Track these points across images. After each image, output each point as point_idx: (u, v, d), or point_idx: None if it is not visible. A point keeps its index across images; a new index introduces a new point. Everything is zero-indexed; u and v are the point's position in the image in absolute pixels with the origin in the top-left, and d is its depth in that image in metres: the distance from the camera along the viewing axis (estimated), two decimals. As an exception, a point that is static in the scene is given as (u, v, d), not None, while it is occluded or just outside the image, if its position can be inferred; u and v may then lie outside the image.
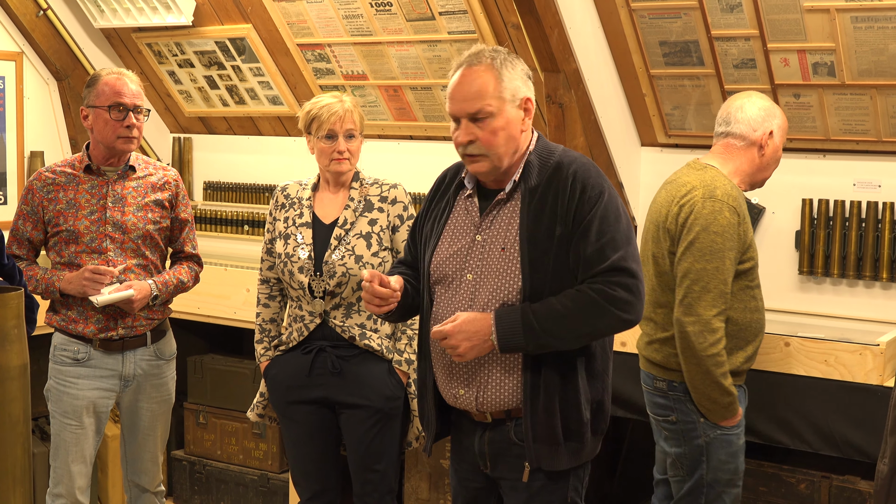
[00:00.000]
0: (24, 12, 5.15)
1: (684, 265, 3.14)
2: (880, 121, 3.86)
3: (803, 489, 3.75)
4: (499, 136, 2.62)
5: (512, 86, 2.62)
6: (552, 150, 2.70)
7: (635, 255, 2.61)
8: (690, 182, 3.23)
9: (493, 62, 2.62)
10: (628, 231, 2.63)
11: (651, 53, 4.11)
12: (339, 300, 3.45)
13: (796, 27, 3.76)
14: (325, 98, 3.50)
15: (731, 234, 3.13)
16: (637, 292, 2.59)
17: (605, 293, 2.56)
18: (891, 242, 3.89)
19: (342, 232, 3.46)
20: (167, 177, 3.72)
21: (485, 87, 2.60)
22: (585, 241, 2.58)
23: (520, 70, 2.66)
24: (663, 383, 3.28)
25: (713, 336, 3.11)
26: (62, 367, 3.62)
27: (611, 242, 2.58)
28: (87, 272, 3.48)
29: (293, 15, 4.81)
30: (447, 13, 4.39)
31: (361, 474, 3.51)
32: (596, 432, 2.73)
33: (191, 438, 5.21)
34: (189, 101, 5.59)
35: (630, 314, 2.58)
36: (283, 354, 3.55)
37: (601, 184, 2.62)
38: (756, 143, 3.29)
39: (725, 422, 3.21)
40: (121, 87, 3.55)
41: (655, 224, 3.30)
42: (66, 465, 3.62)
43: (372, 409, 3.46)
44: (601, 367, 2.72)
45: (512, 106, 2.62)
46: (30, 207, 3.61)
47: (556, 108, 3.99)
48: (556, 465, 2.69)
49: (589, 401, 2.68)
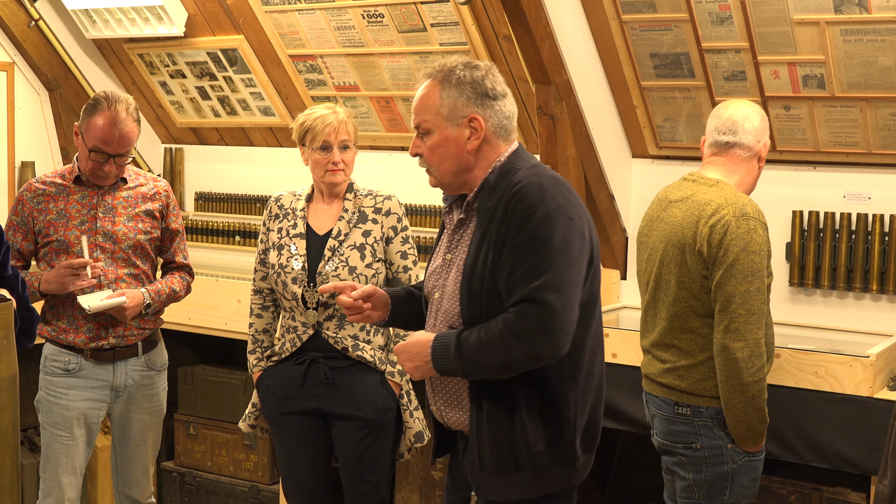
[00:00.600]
0: (15, 22, 5.15)
1: (727, 289, 2.99)
2: (870, 133, 3.87)
3: (794, 501, 3.75)
4: (436, 153, 2.58)
5: (450, 103, 2.54)
6: (517, 168, 2.55)
7: (559, 283, 2.40)
8: (713, 200, 3.08)
9: (442, 78, 2.56)
10: (562, 256, 2.42)
11: (642, 65, 4.12)
12: (332, 311, 3.44)
13: (786, 40, 3.77)
14: (318, 109, 3.50)
15: (766, 252, 3.04)
16: (547, 325, 2.39)
17: (510, 324, 2.41)
18: (880, 254, 3.91)
19: (336, 243, 3.46)
20: (157, 187, 3.72)
21: (425, 102, 2.58)
22: (506, 267, 2.45)
23: (471, 89, 2.54)
24: (687, 409, 3.13)
25: (759, 360, 3.00)
26: (53, 377, 3.61)
27: (531, 270, 2.41)
28: (62, 268, 3.46)
29: (285, 26, 4.82)
30: (439, 25, 4.40)
31: (353, 486, 3.51)
32: (558, 464, 2.56)
33: (181, 450, 5.20)
34: (181, 112, 5.59)
35: (537, 349, 2.40)
36: (276, 365, 3.55)
37: (536, 204, 2.44)
38: (758, 154, 3.21)
39: (753, 448, 3.12)
40: (108, 136, 3.47)
41: (678, 247, 3.11)
42: (57, 476, 3.61)
43: (364, 421, 3.45)
44: (560, 400, 2.54)
45: (451, 124, 2.55)
46: (20, 218, 3.61)
47: (547, 120, 4.00)
48: (507, 496, 2.57)
49: (542, 434, 2.53)
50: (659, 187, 4.36)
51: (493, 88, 2.56)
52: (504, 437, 2.53)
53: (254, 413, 3.66)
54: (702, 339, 3.09)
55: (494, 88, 2.56)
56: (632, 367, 3.75)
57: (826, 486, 3.74)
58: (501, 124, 2.58)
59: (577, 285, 2.45)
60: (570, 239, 2.44)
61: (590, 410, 2.61)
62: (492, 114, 2.56)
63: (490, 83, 2.56)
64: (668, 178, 4.32)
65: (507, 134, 2.60)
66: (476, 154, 2.57)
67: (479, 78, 2.55)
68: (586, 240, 2.50)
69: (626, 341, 3.79)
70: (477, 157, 2.57)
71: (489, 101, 2.55)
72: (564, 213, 2.45)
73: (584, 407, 2.59)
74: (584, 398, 2.58)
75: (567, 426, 2.55)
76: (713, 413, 3.10)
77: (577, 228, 2.46)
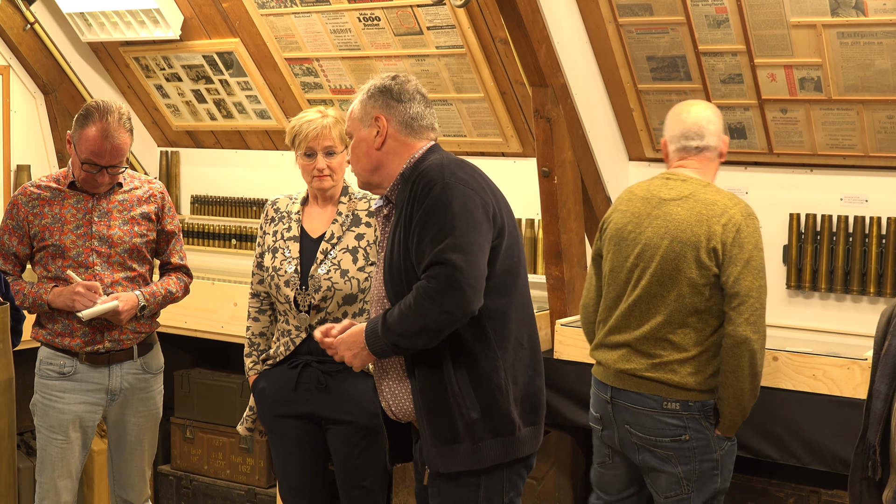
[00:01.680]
0: (10, 26, 5.14)
1: (745, 284, 3.11)
2: (867, 135, 3.87)
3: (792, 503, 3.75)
4: (353, 153, 2.85)
5: (362, 108, 2.83)
6: (427, 158, 2.77)
7: (461, 243, 2.58)
8: (718, 200, 3.20)
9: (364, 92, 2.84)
10: (463, 220, 2.60)
11: (638, 68, 4.12)
12: (324, 315, 3.43)
13: (783, 42, 3.77)
14: (309, 114, 3.49)
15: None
16: (454, 281, 2.56)
17: (422, 288, 2.59)
18: (878, 257, 3.91)
19: (328, 246, 3.45)
20: (153, 189, 3.71)
21: (351, 113, 2.87)
22: (414, 240, 2.64)
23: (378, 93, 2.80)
24: (676, 404, 3.20)
25: (765, 351, 3.19)
26: (48, 381, 3.60)
27: (435, 236, 2.60)
28: (80, 287, 3.45)
29: (281, 29, 4.81)
30: (435, 28, 4.40)
31: (348, 490, 3.50)
32: (497, 434, 2.70)
33: (177, 453, 5.19)
34: (176, 115, 5.58)
35: (447, 305, 2.56)
36: (271, 369, 3.54)
37: (435, 179, 2.65)
38: (721, 151, 3.37)
39: (734, 433, 3.27)
40: (100, 149, 3.45)
41: (687, 244, 3.17)
42: (52, 480, 3.60)
43: (357, 426, 3.44)
44: (489, 367, 2.68)
45: (363, 126, 2.82)
46: (15, 222, 3.60)
47: (543, 123, 4.00)
48: (452, 467, 2.71)
49: (475, 402, 2.67)
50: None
51: (399, 92, 2.80)
52: (439, 407, 2.68)
53: (251, 416, 3.66)
54: (695, 335, 3.19)
55: (400, 92, 2.80)
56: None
57: (824, 488, 3.74)
58: (406, 122, 2.79)
59: (481, 246, 2.61)
60: (470, 206, 2.62)
61: (526, 381, 2.76)
62: (395, 113, 2.79)
63: (398, 89, 2.80)
64: (665, 180, 4.33)
65: (416, 132, 2.80)
66: (384, 151, 2.80)
67: (389, 86, 2.81)
68: (490, 207, 2.66)
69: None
70: (387, 154, 2.81)
71: (393, 103, 2.79)
72: (464, 185, 2.64)
73: (516, 376, 2.73)
74: (515, 367, 2.73)
75: (499, 394, 2.69)
76: (700, 406, 3.21)
77: (478, 197, 2.64)
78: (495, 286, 2.68)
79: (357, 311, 3.46)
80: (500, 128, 4.55)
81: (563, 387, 3.88)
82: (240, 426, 3.70)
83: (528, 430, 2.76)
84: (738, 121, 4.06)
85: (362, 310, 3.47)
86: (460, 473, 2.72)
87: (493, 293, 2.67)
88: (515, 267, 2.75)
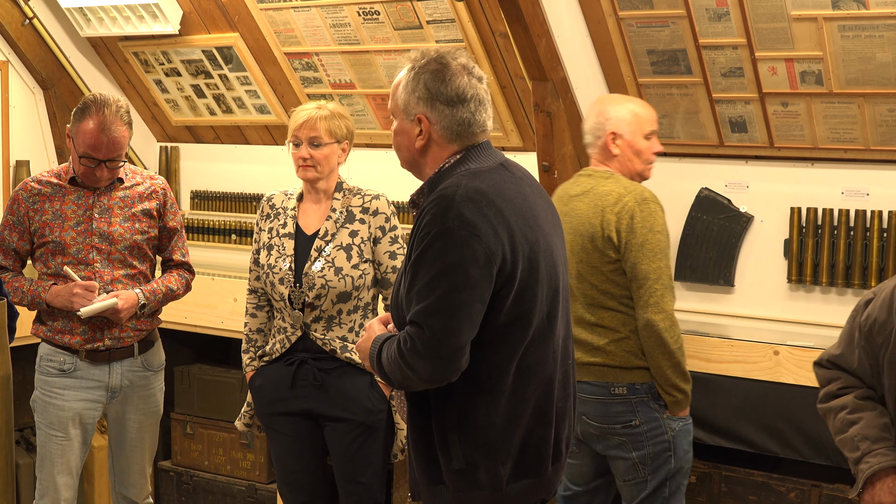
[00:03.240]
0: (9, 20, 5.13)
1: (642, 268, 3.29)
2: (868, 129, 3.86)
3: (793, 498, 3.75)
4: (395, 139, 2.59)
5: (406, 97, 2.53)
6: (450, 175, 2.49)
7: (444, 307, 2.34)
8: (614, 190, 3.39)
9: (412, 68, 2.54)
10: (453, 278, 2.34)
11: (639, 62, 4.11)
12: (318, 312, 3.42)
13: (784, 36, 3.76)
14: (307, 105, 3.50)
15: (667, 232, 3.36)
16: (430, 350, 2.34)
17: (400, 347, 2.40)
18: (879, 251, 3.89)
19: (322, 243, 3.43)
20: (154, 185, 3.69)
21: (395, 88, 2.57)
22: (406, 283, 2.43)
23: (424, 88, 2.50)
24: (623, 388, 3.34)
25: (677, 329, 3.31)
26: (48, 377, 3.59)
27: (420, 290, 2.37)
28: (78, 287, 3.45)
29: (280, 23, 4.80)
30: (434, 22, 4.39)
31: (346, 486, 3.50)
32: (480, 488, 2.47)
33: (178, 449, 5.18)
34: (176, 110, 5.57)
35: (422, 373, 2.37)
36: (267, 365, 3.54)
37: (437, 220, 2.37)
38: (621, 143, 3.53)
39: (683, 412, 3.35)
40: (97, 142, 3.43)
41: (584, 235, 3.38)
42: (52, 476, 3.59)
43: (354, 423, 3.44)
44: (477, 422, 2.45)
45: (406, 118, 2.53)
46: (15, 218, 3.59)
47: (544, 117, 3.99)
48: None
49: (458, 454, 2.46)
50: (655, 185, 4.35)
51: (447, 95, 2.49)
52: (425, 447, 2.52)
53: (249, 412, 3.66)
54: (622, 316, 3.35)
55: (448, 95, 2.49)
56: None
57: (825, 482, 3.73)
58: (451, 129, 2.51)
59: (470, 307, 2.35)
60: (466, 260, 2.34)
61: (525, 434, 2.49)
62: (440, 118, 2.50)
63: (445, 89, 2.49)
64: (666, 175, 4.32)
65: (460, 138, 2.52)
66: (423, 153, 2.55)
67: (439, 80, 2.50)
68: (496, 256, 2.37)
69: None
70: (425, 156, 2.55)
71: (440, 106, 2.49)
72: (469, 230, 2.35)
73: (510, 431, 2.47)
74: (510, 422, 2.46)
75: (487, 449, 2.46)
76: (647, 388, 3.34)
77: (481, 246, 2.35)
78: (493, 340, 2.43)
79: (351, 308, 3.45)
80: (501, 122, 4.54)
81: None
82: (238, 422, 3.70)
83: (525, 484, 2.52)
84: (739, 114, 4.05)
85: (356, 307, 3.46)
86: None
87: (490, 347, 2.43)
88: (527, 315, 2.45)
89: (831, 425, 2.74)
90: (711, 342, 3.65)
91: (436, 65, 2.51)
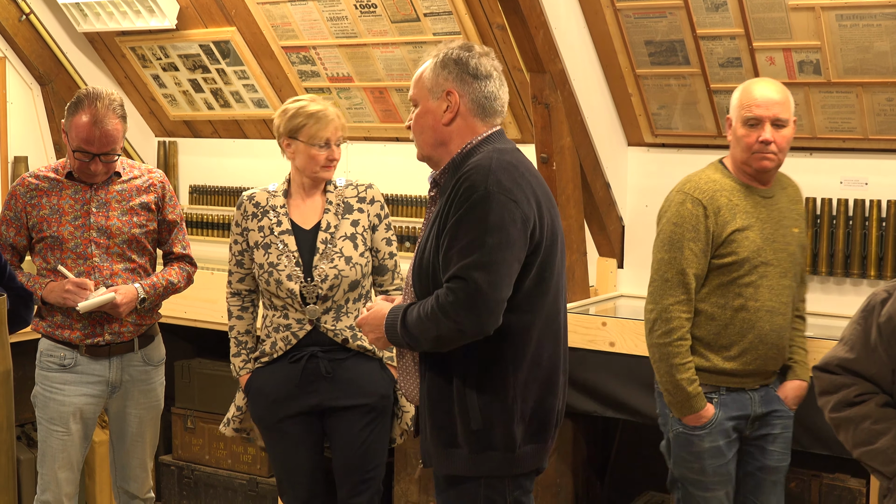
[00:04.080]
0: (6, 16, 5.12)
1: (653, 257, 3.17)
2: (866, 118, 3.86)
3: (794, 488, 3.75)
4: (417, 123, 2.70)
5: (434, 77, 2.66)
6: (480, 150, 2.62)
7: (488, 262, 2.47)
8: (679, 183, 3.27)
9: (437, 56, 2.68)
10: (496, 236, 2.48)
11: (637, 53, 4.11)
12: (330, 304, 3.42)
13: (781, 25, 3.76)
14: (309, 104, 3.45)
15: (692, 225, 3.10)
16: (472, 301, 2.47)
17: (440, 300, 2.51)
18: (878, 240, 3.90)
19: (327, 235, 3.43)
20: (153, 179, 3.68)
21: (418, 77, 2.70)
22: (445, 244, 2.54)
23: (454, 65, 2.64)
24: (657, 384, 3.27)
25: (667, 325, 3.11)
26: (49, 373, 3.59)
27: (464, 248, 2.49)
28: (69, 284, 3.44)
29: (277, 17, 4.79)
30: (432, 14, 4.38)
31: (352, 475, 3.48)
32: (495, 448, 2.61)
33: (179, 443, 5.19)
34: (174, 105, 5.57)
35: (462, 324, 2.49)
36: (265, 366, 3.51)
37: (477, 185, 2.51)
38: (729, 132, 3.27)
39: (686, 420, 3.17)
40: (90, 136, 3.41)
41: None
42: (53, 471, 3.59)
43: (366, 409, 3.44)
44: (498, 383, 2.60)
45: (433, 97, 2.66)
46: (13, 213, 3.58)
47: (542, 109, 3.98)
48: (448, 469, 2.67)
49: (479, 415, 2.59)
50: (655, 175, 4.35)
51: (477, 68, 2.64)
52: (443, 411, 2.63)
53: (239, 416, 3.62)
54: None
55: (478, 68, 2.64)
56: (630, 355, 3.75)
57: (826, 472, 3.73)
58: (479, 103, 2.65)
59: (509, 266, 2.50)
60: (507, 221, 2.49)
61: (536, 400, 2.65)
62: (469, 90, 2.64)
63: (475, 63, 2.64)
64: (664, 165, 4.32)
65: (486, 115, 2.66)
66: (451, 129, 2.66)
67: (466, 58, 2.64)
68: (530, 222, 2.54)
69: (623, 330, 3.77)
70: (452, 133, 2.66)
71: (469, 79, 2.64)
72: (507, 196, 2.51)
73: (527, 394, 2.63)
74: (527, 386, 2.62)
75: (505, 410, 2.60)
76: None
77: (518, 210, 2.51)
78: (520, 303, 2.57)
79: (356, 296, 3.45)
80: (499, 114, 4.54)
81: (563, 373, 3.88)
82: (225, 427, 3.65)
83: (530, 448, 2.67)
84: (737, 105, 4.05)
85: (360, 295, 3.46)
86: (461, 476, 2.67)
87: (517, 310, 2.57)
88: (546, 282, 2.62)
89: (850, 436, 2.53)
90: (711, 333, 3.64)
91: (460, 50, 2.67)
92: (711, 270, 3.13)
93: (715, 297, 3.14)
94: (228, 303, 3.59)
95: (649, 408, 3.71)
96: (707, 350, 3.16)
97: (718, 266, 3.12)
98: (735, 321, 3.14)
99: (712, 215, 3.10)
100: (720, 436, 3.17)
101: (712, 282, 3.14)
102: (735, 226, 3.12)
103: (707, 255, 3.12)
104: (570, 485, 4.19)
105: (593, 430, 4.40)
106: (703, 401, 3.14)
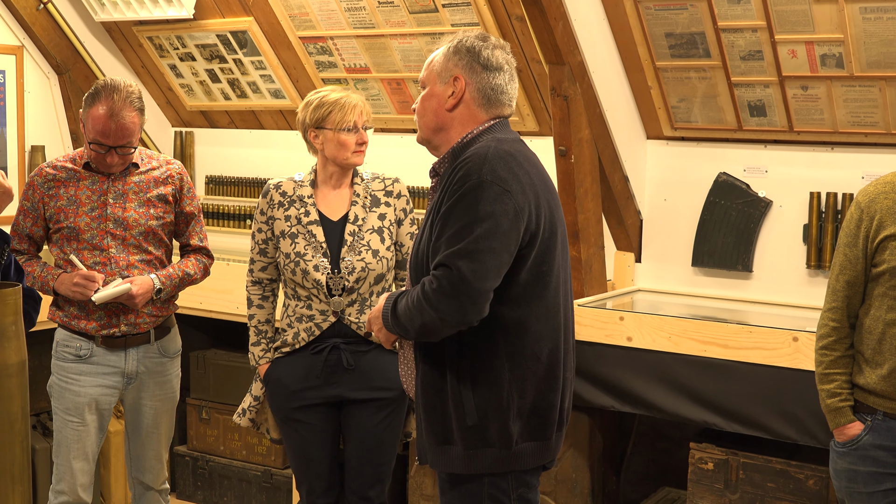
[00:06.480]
0: (24, 6, 5.12)
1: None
2: (889, 113, 3.82)
3: (812, 485, 3.72)
4: (422, 105, 2.70)
5: (443, 62, 2.66)
6: (479, 140, 2.61)
7: (474, 251, 2.43)
8: None
9: (451, 43, 2.68)
10: (485, 225, 2.44)
11: (657, 45, 4.07)
12: (355, 296, 3.42)
13: (804, 18, 3.72)
14: (330, 93, 3.47)
15: (850, 229, 2.91)
16: (455, 290, 2.42)
17: (424, 288, 2.48)
18: (900, 236, 3.85)
19: (355, 228, 3.43)
20: (170, 170, 3.67)
21: (430, 62, 2.71)
22: (436, 233, 2.52)
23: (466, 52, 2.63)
24: None
25: (818, 332, 2.96)
26: (64, 363, 3.59)
27: (452, 237, 2.46)
28: (78, 277, 3.44)
29: (295, 7, 4.77)
30: (450, 5, 4.36)
31: (364, 468, 3.48)
32: (490, 444, 2.57)
33: (193, 434, 5.19)
34: (190, 95, 5.56)
35: (443, 313, 2.44)
36: (286, 356, 3.50)
37: (471, 174, 2.48)
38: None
39: (835, 434, 2.97)
40: (106, 128, 3.39)
41: None
42: (69, 461, 3.60)
43: (384, 402, 3.45)
44: (493, 378, 2.56)
45: (441, 81, 2.66)
46: (30, 203, 3.58)
47: (560, 101, 3.96)
48: (444, 467, 2.63)
49: (473, 410, 2.55)
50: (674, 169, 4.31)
51: (488, 59, 2.63)
52: (436, 405, 2.60)
53: (255, 406, 3.61)
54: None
55: (489, 59, 2.63)
56: (647, 350, 3.72)
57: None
58: (485, 93, 2.64)
59: (497, 256, 2.45)
60: (498, 211, 2.46)
61: (536, 396, 2.60)
62: (476, 79, 2.63)
63: (487, 54, 2.63)
64: (683, 159, 4.29)
65: (491, 106, 2.65)
66: (453, 115, 2.65)
67: (479, 47, 2.64)
68: (524, 213, 2.50)
69: (641, 325, 3.75)
70: (454, 119, 2.65)
71: (478, 68, 2.63)
72: (501, 185, 2.48)
73: (525, 390, 2.58)
74: (524, 380, 2.58)
75: (499, 406, 2.56)
76: None
77: (512, 201, 2.48)
78: (516, 296, 2.54)
79: (380, 289, 3.47)
80: (517, 106, 4.51)
81: (579, 367, 3.85)
82: (240, 417, 3.65)
83: (529, 445, 2.61)
84: (758, 98, 4.01)
85: (384, 288, 3.48)
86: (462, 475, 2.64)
87: (512, 303, 2.54)
88: (545, 276, 2.57)
89: None
90: (730, 328, 3.62)
91: (476, 39, 2.66)
92: (871, 279, 2.89)
93: (873, 309, 2.89)
94: (249, 291, 3.59)
95: (666, 403, 3.69)
96: (866, 366, 2.90)
97: (874, 275, 2.88)
98: (887, 336, 2.85)
99: (867, 219, 2.87)
100: (863, 461, 2.91)
101: (871, 292, 2.89)
102: (888, 231, 2.84)
103: (861, 262, 2.88)
104: (586, 479, 4.18)
105: (610, 425, 4.39)
106: (846, 417, 2.92)
